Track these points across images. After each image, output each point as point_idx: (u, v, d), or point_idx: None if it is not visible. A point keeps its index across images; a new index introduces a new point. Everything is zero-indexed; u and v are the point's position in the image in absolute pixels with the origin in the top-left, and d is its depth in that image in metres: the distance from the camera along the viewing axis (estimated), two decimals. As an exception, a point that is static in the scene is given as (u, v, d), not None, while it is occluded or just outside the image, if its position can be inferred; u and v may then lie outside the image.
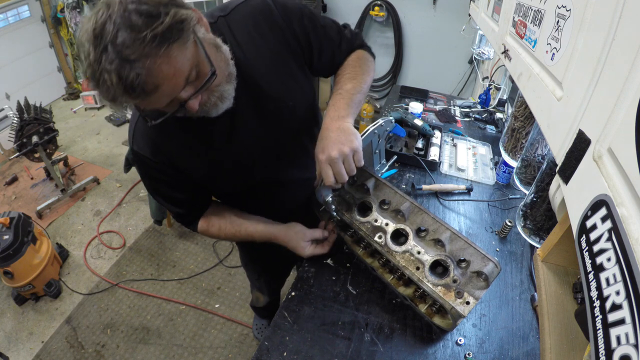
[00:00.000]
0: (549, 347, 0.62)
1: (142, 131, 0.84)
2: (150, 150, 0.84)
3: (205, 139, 0.86)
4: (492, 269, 0.81)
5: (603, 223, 0.38)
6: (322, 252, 1.03)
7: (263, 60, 0.84)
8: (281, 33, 0.85)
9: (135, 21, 0.55)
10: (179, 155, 0.86)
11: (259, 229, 1.01)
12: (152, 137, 0.84)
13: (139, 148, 0.85)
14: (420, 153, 1.54)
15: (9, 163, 3.59)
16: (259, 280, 1.61)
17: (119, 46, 0.55)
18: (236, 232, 1.01)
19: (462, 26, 2.37)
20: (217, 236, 1.03)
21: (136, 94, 0.59)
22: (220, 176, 0.93)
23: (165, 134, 0.83)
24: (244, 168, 0.93)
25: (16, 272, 2.09)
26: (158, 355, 1.95)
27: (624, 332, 0.31)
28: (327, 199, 0.97)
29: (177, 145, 0.85)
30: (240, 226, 1.01)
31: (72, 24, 4.67)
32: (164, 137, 0.84)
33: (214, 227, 1.02)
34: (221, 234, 1.02)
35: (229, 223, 1.01)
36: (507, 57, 0.94)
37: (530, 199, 0.89)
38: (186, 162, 0.87)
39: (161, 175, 0.89)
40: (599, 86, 0.46)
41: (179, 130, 0.83)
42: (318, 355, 0.87)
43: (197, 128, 0.83)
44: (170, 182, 0.91)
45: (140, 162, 0.88)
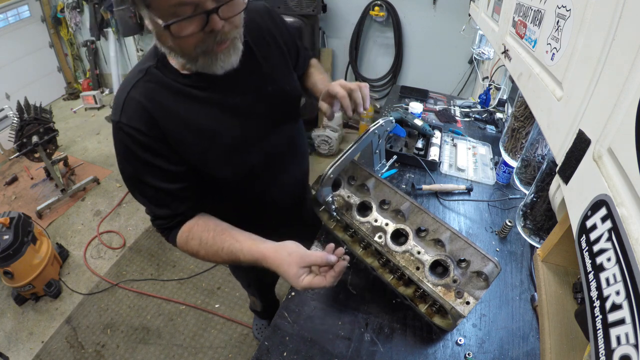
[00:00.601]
0: (549, 347, 0.62)
1: (137, 103, 0.76)
2: (145, 122, 0.76)
3: (206, 111, 0.82)
4: (492, 269, 0.81)
5: (603, 223, 0.38)
6: (323, 285, 0.76)
7: (267, 47, 0.92)
8: (279, 32, 0.95)
9: None
10: (176, 130, 0.79)
11: (246, 246, 0.82)
12: (148, 109, 0.76)
13: (129, 120, 0.76)
14: (420, 153, 1.54)
15: (9, 163, 3.59)
16: (249, 287, 1.65)
17: None
18: (218, 250, 0.83)
19: (462, 26, 2.37)
20: (195, 252, 0.86)
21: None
22: (218, 155, 0.86)
23: (164, 105, 0.78)
24: (241, 146, 0.89)
25: (16, 272, 2.09)
26: (158, 355, 1.95)
27: (624, 332, 0.31)
28: (327, 198, 0.97)
29: (175, 118, 0.79)
30: (224, 243, 0.83)
31: (72, 24, 4.67)
32: (162, 110, 0.78)
33: (195, 240, 0.85)
34: (201, 250, 0.85)
35: (212, 238, 0.84)
36: (507, 57, 0.94)
37: (530, 199, 0.89)
38: (184, 137, 0.81)
39: (151, 156, 0.79)
40: (599, 86, 0.46)
41: (179, 102, 0.80)
42: (318, 355, 0.87)
43: (199, 99, 0.81)
44: (161, 166, 0.80)
45: (129, 138, 0.77)
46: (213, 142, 0.85)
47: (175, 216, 0.87)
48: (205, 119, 0.83)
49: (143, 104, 0.77)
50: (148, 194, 0.85)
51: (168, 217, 0.87)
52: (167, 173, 0.82)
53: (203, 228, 0.86)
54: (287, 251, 0.79)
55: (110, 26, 4.42)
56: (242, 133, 0.89)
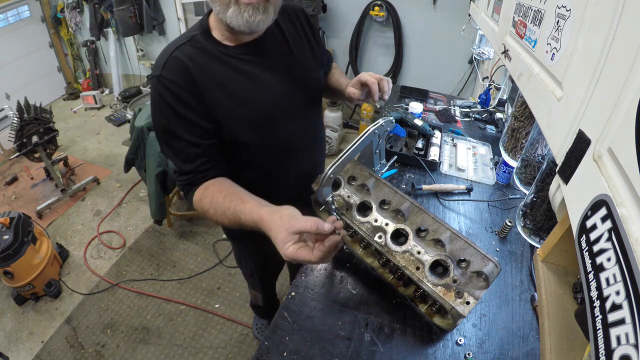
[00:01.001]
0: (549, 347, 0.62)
1: (179, 61, 0.86)
2: (184, 78, 0.85)
3: (241, 79, 0.92)
4: (492, 269, 0.81)
5: (603, 223, 0.38)
6: (308, 259, 0.70)
7: (299, 39, 1.03)
8: (310, 30, 1.07)
9: None
10: (212, 89, 0.88)
11: (248, 207, 0.81)
12: (189, 67, 0.86)
13: (169, 74, 0.85)
14: (420, 153, 1.54)
15: (9, 163, 3.59)
16: (252, 277, 1.62)
17: None
18: (226, 210, 0.85)
19: (462, 26, 2.38)
20: (206, 209, 0.89)
21: None
22: (244, 119, 0.93)
23: (203, 67, 0.87)
24: (268, 117, 0.97)
25: (16, 272, 2.09)
26: (158, 355, 1.95)
27: (624, 332, 0.31)
28: (327, 198, 0.97)
29: (212, 79, 0.88)
30: (232, 203, 0.84)
31: (72, 24, 4.68)
32: (201, 70, 0.87)
33: (208, 197, 0.89)
34: (211, 209, 0.88)
35: (222, 198, 0.87)
36: (507, 57, 0.94)
37: (530, 199, 0.89)
38: (218, 97, 0.89)
39: (185, 109, 0.86)
40: (599, 86, 0.46)
41: (217, 67, 0.89)
42: (318, 355, 0.87)
43: (235, 68, 0.91)
44: (193, 120, 0.87)
45: (168, 91, 0.85)
46: (243, 106, 0.93)
47: (198, 172, 0.92)
48: (239, 86, 0.91)
49: (184, 62, 0.86)
50: (177, 147, 0.91)
51: (191, 173, 0.92)
52: (197, 128, 0.89)
53: (218, 188, 0.90)
54: (280, 215, 0.75)
55: (110, 26, 4.42)
56: (270, 107, 0.97)
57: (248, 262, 1.53)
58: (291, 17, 1.03)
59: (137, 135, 2.40)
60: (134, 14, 4.01)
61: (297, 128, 1.06)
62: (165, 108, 0.87)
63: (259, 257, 1.46)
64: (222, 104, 0.90)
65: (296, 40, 1.02)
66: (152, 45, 4.58)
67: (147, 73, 4.66)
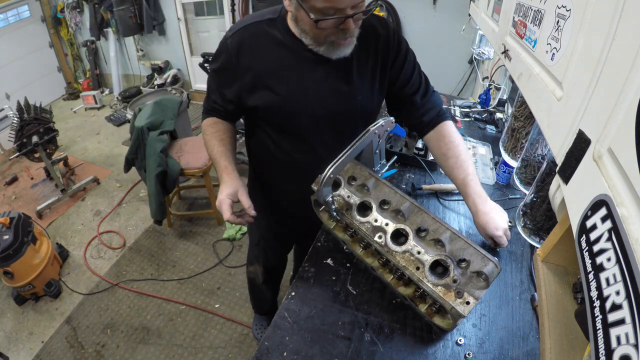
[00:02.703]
0: (549, 347, 0.62)
1: (245, 36, 1.00)
2: (238, 50, 1.00)
3: (291, 65, 1.00)
4: (492, 269, 0.81)
5: (603, 223, 0.39)
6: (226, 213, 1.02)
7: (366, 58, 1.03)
8: (387, 47, 1.05)
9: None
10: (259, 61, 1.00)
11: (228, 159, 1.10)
12: (247, 46, 0.99)
13: (232, 42, 1.00)
14: (420, 153, 1.54)
15: (9, 163, 3.59)
16: (257, 246, 1.62)
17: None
18: (216, 145, 1.11)
19: (462, 26, 2.38)
20: (207, 135, 1.14)
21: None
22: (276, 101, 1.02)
23: (261, 44, 0.99)
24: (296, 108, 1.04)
25: (16, 272, 2.09)
26: (158, 355, 1.95)
27: (624, 332, 0.31)
28: (327, 198, 0.97)
29: (264, 54, 1.00)
30: (224, 146, 1.11)
31: (72, 24, 4.68)
32: (258, 51, 0.99)
33: (213, 128, 1.13)
34: (208, 136, 1.13)
35: (220, 139, 1.12)
36: (507, 57, 0.94)
37: (530, 199, 0.89)
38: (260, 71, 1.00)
39: (224, 69, 1.04)
40: (599, 86, 0.46)
41: (274, 48, 0.99)
42: (318, 355, 0.87)
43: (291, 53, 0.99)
44: (224, 79, 1.06)
45: (224, 51, 1.02)
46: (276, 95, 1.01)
47: (212, 109, 1.14)
48: (285, 69, 1.00)
49: (246, 38, 1.00)
50: (211, 86, 1.13)
51: (212, 107, 1.14)
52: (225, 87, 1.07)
53: (223, 128, 1.14)
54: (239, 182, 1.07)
55: (110, 26, 4.42)
56: (302, 101, 1.02)
57: (258, 230, 1.54)
58: (368, 33, 1.01)
59: (137, 135, 2.40)
60: (134, 14, 4.01)
61: (318, 134, 1.09)
62: (218, 59, 1.06)
63: (270, 226, 1.47)
64: (260, 85, 1.02)
65: (362, 58, 1.03)
66: (152, 45, 4.58)
67: (147, 73, 4.66)
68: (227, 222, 2.67)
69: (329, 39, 0.92)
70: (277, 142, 1.13)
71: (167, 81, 4.34)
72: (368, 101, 1.10)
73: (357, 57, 1.01)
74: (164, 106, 2.62)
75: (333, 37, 0.91)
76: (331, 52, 0.95)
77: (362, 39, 0.99)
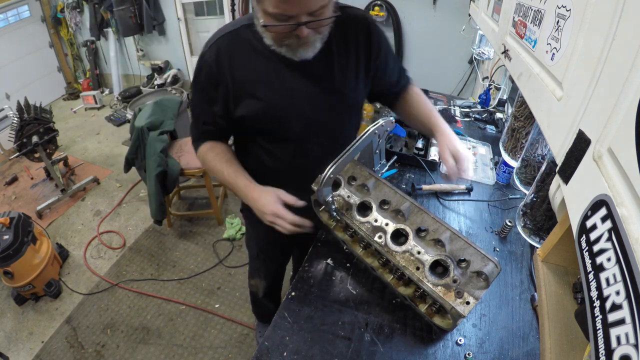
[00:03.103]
0: (549, 347, 0.62)
1: (221, 48, 0.98)
2: (217, 65, 0.98)
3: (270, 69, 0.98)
4: (492, 269, 0.81)
5: (603, 223, 0.39)
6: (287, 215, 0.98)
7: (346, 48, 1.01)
8: (368, 45, 1.03)
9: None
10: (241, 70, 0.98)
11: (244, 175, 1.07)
12: (225, 58, 0.97)
13: (209, 56, 0.98)
14: (420, 153, 1.54)
15: (9, 163, 3.59)
16: (257, 259, 1.60)
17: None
18: (225, 167, 1.08)
19: (462, 26, 2.38)
20: (209, 161, 1.10)
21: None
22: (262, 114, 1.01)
23: (238, 53, 0.97)
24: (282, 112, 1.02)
25: (16, 272, 2.09)
26: (158, 355, 1.95)
27: (624, 332, 0.31)
28: (327, 198, 0.97)
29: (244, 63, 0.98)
30: (233, 166, 1.09)
31: (72, 24, 4.68)
32: (235, 57, 0.97)
33: (213, 152, 1.10)
34: (212, 161, 1.10)
35: (226, 160, 1.09)
36: (507, 57, 0.94)
37: (530, 199, 0.89)
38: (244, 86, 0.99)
39: (209, 88, 1.01)
40: (599, 86, 0.46)
41: (252, 56, 0.97)
42: (318, 355, 0.87)
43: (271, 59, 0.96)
44: (210, 98, 1.02)
45: (203, 65, 1.00)
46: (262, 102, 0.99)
47: (205, 132, 1.11)
48: (265, 74, 0.98)
49: (223, 49, 0.98)
50: (197, 110, 1.10)
51: (202, 130, 1.11)
52: (213, 104, 1.03)
53: (224, 149, 1.12)
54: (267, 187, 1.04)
55: (110, 26, 4.42)
56: (283, 104, 1.01)
57: (257, 242, 1.52)
58: (348, 28, 1.01)
59: (137, 135, 2.40)
60: (134, 14, 4.01)
61: (310, 135, 1.07)
62: (199, 78, 1.04)
63: (269, 238, 1.43)
64: (243, 94, 1.00)
65: (342, 52, 1.01)
66: (152, 45, 4.58)
67: (147, 73, 4.66)
68: (226, 222, 2.67)
69: (285, 42, 0.90)
70: (270, 151, 1.11)
71: (167, 81, 4.34)
72: (353, 95, 1.09)
73: (338, 52, 1.00)
74: (164, 106, 2.62)
75: (288, 42, 0.90)
76: (291, 54, 0.93)
77: (341, 32, 0.98)
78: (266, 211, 1.00)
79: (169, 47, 4.46)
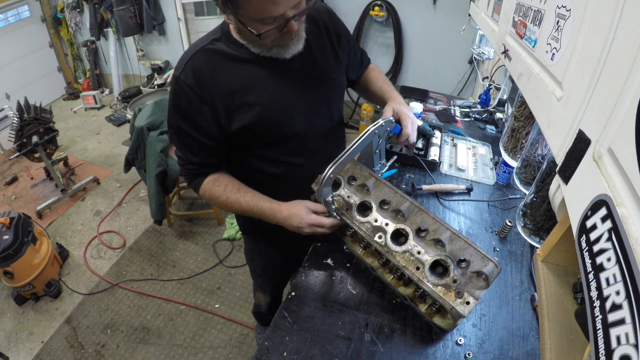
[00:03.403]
0: (549, 347, 0.62)
1: (195, 65, 0.92)
2: (198, 83, 0.92)
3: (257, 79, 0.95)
4: (492, 269, 0.81)
5: (603, 223, 0.39)
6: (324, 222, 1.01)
7: (319, 34, 1.03)
8: (334, 28, 1.06)
9: None
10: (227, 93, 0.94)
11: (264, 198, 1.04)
12: (205, 73, 0.92)
13: (186, 77, 0.92)
14: (420, 153, 1.54)
15: (9, 163, 3.59)
16: (262, 276, 1.59)
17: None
18: (240, 197, 1.03)
19: (462, 26, 2.38)
20: (217, 196, 1.04)
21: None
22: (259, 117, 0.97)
23: (218, 67, 0.92)
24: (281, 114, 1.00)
25: (16, 272, 2.09)
26: (158, 355, 1.95)
27: (624, 332, 0.31)
28: (327, 198, 0.97)
29: (229, 83, 0.93)
30: (247, 193, 1.04)
31: (72, 24, 4.68)
32: (216, 71, 0.92)
33: (221, 185, 1.04)
34: (223, 195, 1.04)
35: (237, 189, 1.04)
36: (507, 57, 0.94)
37: (530, 199, 0.89)
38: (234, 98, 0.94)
39: (195, 112, 0.95)
40: (599, 86, 0.46)
41: (233, 65, 0.94)
42: (318, 355, 0.87)
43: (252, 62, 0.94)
44: (200, 122, 0.96)
45: (182, 92, 0.93)
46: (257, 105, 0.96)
47: (204, 166, 1.05)
48: (253, 80, 0.95)
49: (201, 68, 0.92)
50: (185, 141, 1.01)
51: (199, 165, 1.04)
52: (204, 130, 0.97)
53: (230, 179, 1.06)
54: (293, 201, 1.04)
55: (110, 26, 4.42)
56: (284, 106, 1.00)
57: (260, 259, 1.51)
58: (315, 17, 1.03)
59: (137, 135, 2.40)
60: (134, 14, 4.01)
61: (311, 127, 1.07)
62: (178, 106, 0.96)
63: (273, 254, 1.45)
64: (236, 105, 0.95)
65: (318, 40, 1.03)
66: (152, 45, 4.58)
67: (147, 73, 4.66)
68: (226, 222, 2.67)
69: (276, 43, 0.89)
70: (273, 157, 1.08)
71: (167, 81, 4.34)
72: (340, 77, 1.11)
73: (314, 40, 1.01)
74: (164, 106, 2.62)
75: (279, 42, 0.89)
76: (282, 53, 0.92)
77: (309, 20, 0.98)
78: (303, 225, 1.00)
79: (169, 47, 4.46)
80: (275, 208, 1.02)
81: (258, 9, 0.78)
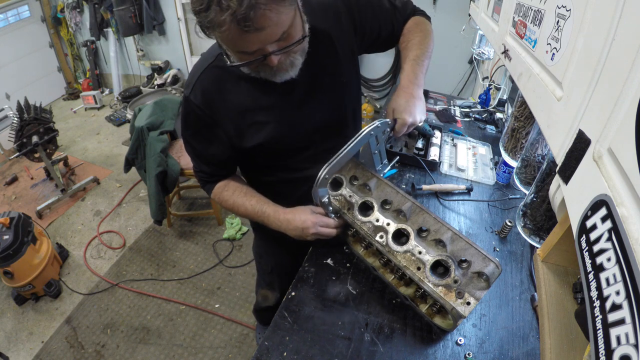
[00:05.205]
0: (549, 347, 0.62)
1: (203, 85, 0.92)
2: (207, 104, 0.93)
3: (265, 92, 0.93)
4: (493, 270, 0.81)
5: (603, 223, 0.39)
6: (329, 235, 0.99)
7: (325, 39, 0.96)
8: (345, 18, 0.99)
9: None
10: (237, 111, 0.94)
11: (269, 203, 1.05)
12: (214, 93, 0.92)
13: (195, 98, 0.93)
14: (420, 153, 1.54)
15: (9, 163, 3.59)
16: (271, 274, 1.57)
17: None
18: (245, 201, 1.05)
19: (462, 26, 2.38)
20: (226, 200, 1.07)
21: (244, 26, 0.68)
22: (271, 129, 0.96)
23: (226, 87, 0.92)
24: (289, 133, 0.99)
25: (16, 272, 2.09)
26: (158, 355, 1.95)
27: (624, 332, 0.31)
28: (323, 199, 0.96)
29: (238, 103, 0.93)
30: (254, 197, 1.06)
31: (72, 24, 4.67)
32: (227, 94, 0.92)
33: (229, 190, 1.07)
34: (230, 199, 1.07)
35: (244, 192, 1.07)
36: (507, 57, 0.94)
37: (530, 199, 0.89)
38: (245, 116, 0.94)
39: (204, 129, 0.97)
40: (599, 86, 0.46)
41: (238, 84, 0.92)
42: (318, 355, 0.87)
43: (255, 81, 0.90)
44: (210, 139, 0.98)
45: (191, 111, 0.95)
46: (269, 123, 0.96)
47: (214, 175, 1.09)
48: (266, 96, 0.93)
49: (208, 87, 0.92)
50: (197, 153, 1.05)
51: (209, 173, 1.08)
52: (213, 146, 1.00)
53: (239, 184, 1.09)
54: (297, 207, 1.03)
55: (110, 26, 4.42)
56: (293, 118, 0.98)
57: (269, 257, 1.50)
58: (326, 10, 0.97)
59: (137, 135, 2.40)
60: (134, 14, 4.01)
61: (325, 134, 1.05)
62: (189, 124, 0.99)
63: (283, 252, 1.42)
64: (246, 124, 0.95)
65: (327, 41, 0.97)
66: (152, 45, 4.58)
67: (147, 73, 4.66)
68: (226, 222, 2.67)
69: (260, 72, 0.85)
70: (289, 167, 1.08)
71: (167, 81, 4.34)
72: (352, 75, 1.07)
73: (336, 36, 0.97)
74: (164, 106, 2.62)
75: (263, 72, 0.85)
76: (272, 77, 0.87)
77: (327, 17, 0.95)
78: (307, 226, 0.98)
79: (169, 47, 4.46)
80: (278, 211, 1.03)
81: (228, 43, 0.75)
